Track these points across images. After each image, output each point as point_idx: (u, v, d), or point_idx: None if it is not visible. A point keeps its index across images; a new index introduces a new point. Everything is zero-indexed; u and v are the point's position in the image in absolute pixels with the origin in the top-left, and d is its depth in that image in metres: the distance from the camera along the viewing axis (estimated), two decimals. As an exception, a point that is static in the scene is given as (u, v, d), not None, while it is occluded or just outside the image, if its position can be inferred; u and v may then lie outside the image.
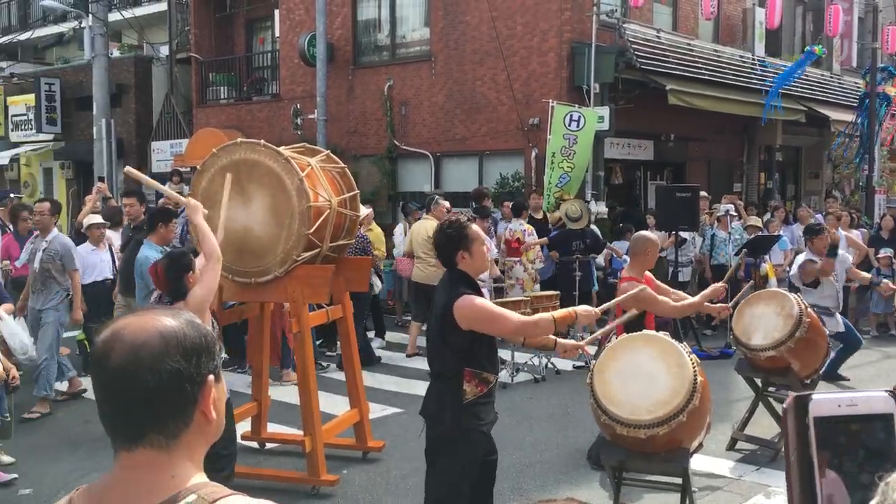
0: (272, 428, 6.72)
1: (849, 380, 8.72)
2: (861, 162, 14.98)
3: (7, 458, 6.21)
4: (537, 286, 10.48)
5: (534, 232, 10.69)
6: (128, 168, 5.17)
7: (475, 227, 4.04)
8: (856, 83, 17.92)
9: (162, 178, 15.51)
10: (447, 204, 9.91)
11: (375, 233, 10.24)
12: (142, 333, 1.38)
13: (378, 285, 10.06)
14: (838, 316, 8.11)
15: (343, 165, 6.19)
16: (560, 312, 3.92)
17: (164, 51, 19.74)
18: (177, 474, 1.38)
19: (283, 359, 8.65)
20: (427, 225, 9.56)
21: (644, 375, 4.30)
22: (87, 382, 7.93)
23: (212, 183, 5.44)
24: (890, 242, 11.86)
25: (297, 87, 16.55)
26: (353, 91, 15.70)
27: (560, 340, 4.27)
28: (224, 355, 9.62)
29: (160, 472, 1.38)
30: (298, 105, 15.74)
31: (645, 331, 4.79)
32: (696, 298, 5.43)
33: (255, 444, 6.57)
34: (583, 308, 4.02)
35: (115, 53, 20.36)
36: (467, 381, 3.82)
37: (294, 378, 8.71)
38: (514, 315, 3.93)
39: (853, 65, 19.61)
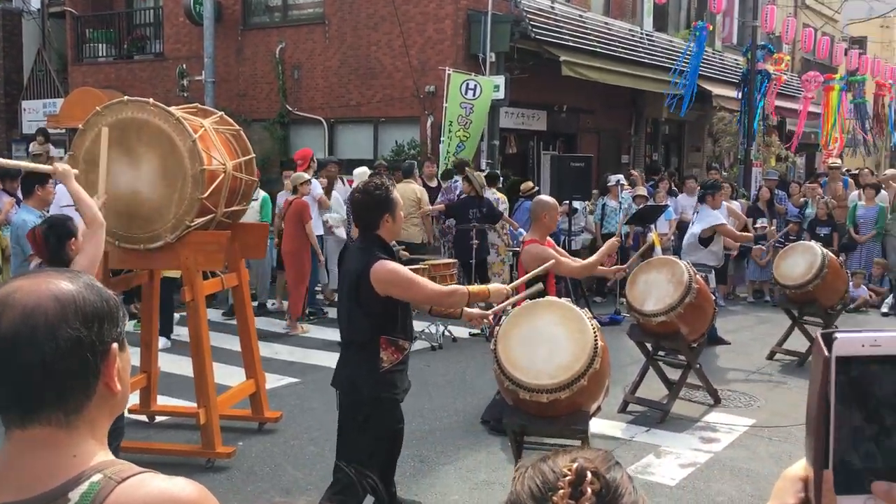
0: (161, 401, 6.47)
1: (730, 343, 9.14)
2: (754, 136, 15.63)
3: None
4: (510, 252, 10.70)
5: (506, 201, 11.12)
6: None
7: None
8: (736, 60, 18.66)
9: (32, 138, 14.63)
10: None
11: (261, 199, 10.03)
12: (34, 297, 1.24)
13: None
14: (711, 277, 8.50)
15: (238, 128, 5.95)
16: (475, 288, 3.97)
17: (36, 3, 18.51)
18: (79, 453, 1.25)
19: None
20: (409, 188, 10.47)
21: (547, 341, 4.34)
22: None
23: (95, 144, 5.11)
24: (767, 213, 12.46)
25: (182, 46, 15.84)
26: (242, 52, 15.17)
27: (466, 309, 4.27)
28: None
29: (60, 450, 1.25)
30: (184, 66, 15.08)
31: (547, 297, 4.82)
32: (595, 257, 5.54)
33: (143, 418, 6.31)
34: (495, 287, 4.09)
35: (-19, 4, 18.93)
36: (383, 348, 3.76)
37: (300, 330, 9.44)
38: (430, 283, 3.90)
39: (734, 42, 20.41)
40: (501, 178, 12.07)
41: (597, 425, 6.09)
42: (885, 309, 11.38)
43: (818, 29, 20.26)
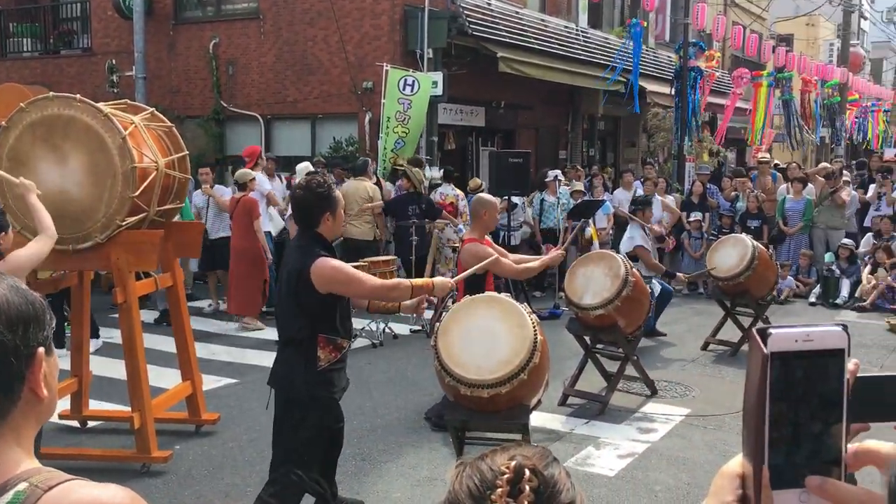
0: (94, 405, 6.30)
1: (665, 335, 9.32)
2: (688, 132, 15.95)
3: None
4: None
5: (465, 197, 11.24)
6: None
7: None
8: (669, 57, 19.01)
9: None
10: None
11: None
12: None
13: None
14: (654, 281, 8.66)
15: (170, 124, 5.81)
16: (419, 281, 3.96)
17: (-45, -4, 17.80)
18: (3, 461, 1.21)
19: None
20: (361, 185, 10.43)
21: (487, 336, 4.35)
22: None
23: (20, 141, 4.95)
24: (700, 207, 12.75)
25: (111, 41, 15.44)
26: (174, 48, 14.85)
27: (403, 302, 4.27)
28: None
29: None
30: (114, 61, 14.69)
31: (487, 292, 4.85)
32: (537, 263, 5.58)
33: (75, 424, 6.13)
34: (440, 280, 4.08)
35: None
36: (321, 347, 3.72)
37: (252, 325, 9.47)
38: (371, 278, 3.88)
39: (667, 39, 20.81)
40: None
41: (537, 419, 6.14)
42: (812, 299, 11.74)
43: (747, 27, 20.79)
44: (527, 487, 1.07)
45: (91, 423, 6.20)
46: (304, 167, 10.56)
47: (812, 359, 0.83)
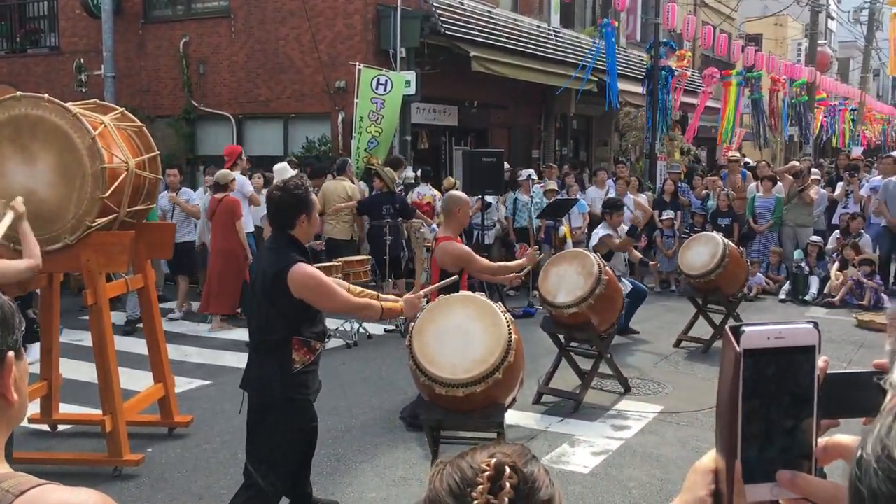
0: (64, 408, 6.22)
1: (638, 332, 9.39)
2: (660, 131, 16.06)
3: None
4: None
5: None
6: None
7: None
8: (640, 56, 19.15)
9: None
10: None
11: None
12: None
13: None
14: (625, 280, 8.73)
15: (140, 124, 5.76)
16: (388, 305, 3.98)
17: (-82, -7, 17.47)
18: None
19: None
20: (341, 185, 10.46)
21: (462, 335, 4.36)
22: None
23: (-13, 141, 4.88)
24: (671, 205, 12.85)
25: (79, 40, 15.25)
26: (144, 47, 14.70)
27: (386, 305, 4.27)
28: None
29: None
30: (82, 60, 14.51)
31: (461, 292, 4.86)
32: (513, 264, 5.61)
33: (45, 427, 6.05)
34: (407, 300, 4.09)
35: None
36: (295, 349, 3.71)
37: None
38: (345, 294, 3.88)
39: (637, 39, 20.95)
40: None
41: (512, 417, 6.17)
42: (782, 296, 11.88)
43: (717, 27, 20.99)
44: (507, 484, 1.08)
45: (62, 427, 6.13)
46: (283, 168, 10.47)
47: (784, 356, 0.85)
